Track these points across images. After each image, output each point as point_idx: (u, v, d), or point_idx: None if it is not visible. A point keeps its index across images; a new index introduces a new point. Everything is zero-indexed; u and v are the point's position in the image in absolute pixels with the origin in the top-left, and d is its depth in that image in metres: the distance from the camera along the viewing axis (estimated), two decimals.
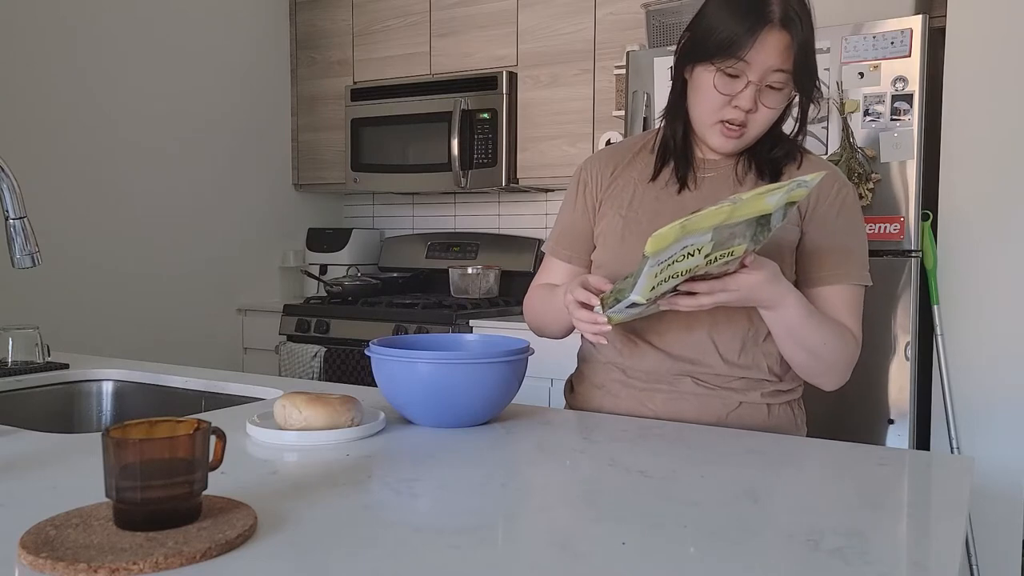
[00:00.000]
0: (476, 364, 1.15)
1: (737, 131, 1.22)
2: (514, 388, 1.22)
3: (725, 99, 1.20)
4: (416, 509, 0.84)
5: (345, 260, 3.68)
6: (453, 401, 1.16)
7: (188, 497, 0.74)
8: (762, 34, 1.14)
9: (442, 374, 1.14)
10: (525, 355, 1.21)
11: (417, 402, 1.17)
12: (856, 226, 1.29)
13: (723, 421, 1.28)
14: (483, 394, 1.17)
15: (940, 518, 0.87)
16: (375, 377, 1.20)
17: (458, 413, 1.18)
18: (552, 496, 0.90)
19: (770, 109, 1.20)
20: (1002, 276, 2.21)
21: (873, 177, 2.27)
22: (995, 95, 2.21)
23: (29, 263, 1.30)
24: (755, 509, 0.85)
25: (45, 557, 0.66)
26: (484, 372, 1.16)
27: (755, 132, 1.23)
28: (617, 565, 0.70)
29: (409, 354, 1.16)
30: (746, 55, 1.15)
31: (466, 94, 3.25)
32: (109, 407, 1.65)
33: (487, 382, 1.17)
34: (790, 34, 1.15)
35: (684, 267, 1.03)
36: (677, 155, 1.31)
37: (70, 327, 2.84)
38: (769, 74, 1.17)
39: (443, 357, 1.15)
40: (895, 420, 2.26)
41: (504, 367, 1.18)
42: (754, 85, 1.17)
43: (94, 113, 3.01)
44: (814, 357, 1.23)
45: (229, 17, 3.51)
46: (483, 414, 1.20)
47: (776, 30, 1.15)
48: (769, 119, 1.22)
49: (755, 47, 1.15)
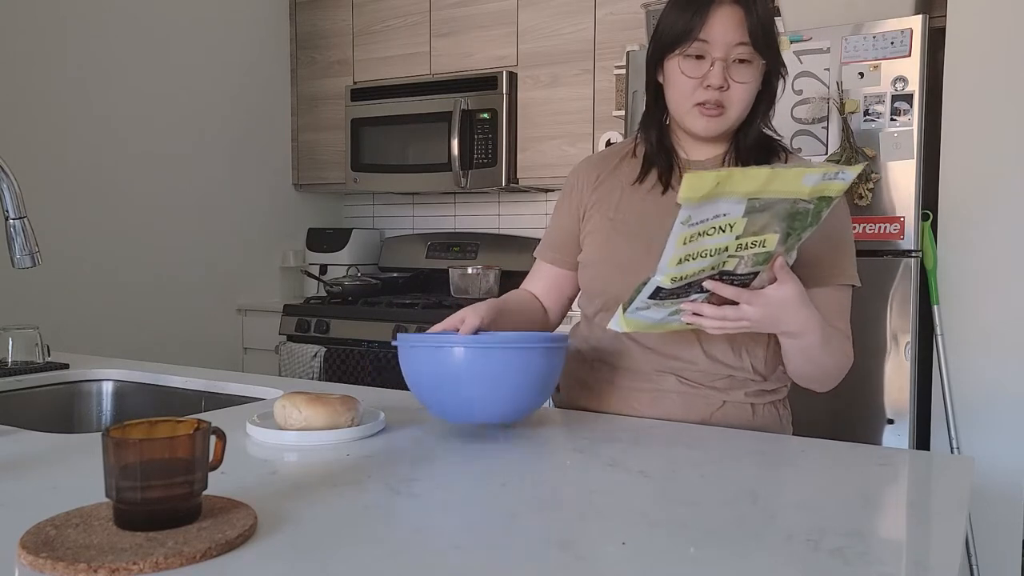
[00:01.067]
0: (530, 349, 1.07)
1: (716, 111, 1.22)
2: (553, 380, 1.14)
3: (695, 82, 1.21)
4: (416, 509, 0.83)
5: (345, 260, 3.68)
6: (499, 391, 1.07)
7: (188, 497, 0.74)
8: (713, 10, 1.18)
9: (490, 361, 1.06)
10: (564, 344, 1.15)
11: (452, 394, 1.08)
12: (846, 226, 1.29)
13: (707, 421, 1.28)
14: (529, 383, 1.09)
15: (940, 518, 0.87)
16: (403, 370, 1.12)
17: (503, 404, 1.09)
18: (552, 496, 0.90)
19: (743, 83, 1.21)
20: (1002, 276, 2.21)
21: (873, 177, 2.27)
22: (995, 95, 2.21)
23: (29, 263, 1.30)
24: (755, 509, 0.85)
25: (45, 557, 0.66)
26: (534, 359, 1.08)
27: (736, 111, 1.23)
28: (617, 565, 0.70)
29: (445, 338, 1.09)
30: (701, 33, 1.18)
31: (466, 94, 3.26)
32: (109, 407, 1.65)
33: (534, 370, 1.08)
34: (743, 7, 1.18)
35: (714, 245, 0.99)
36: (658, 161, 1.32)
37: (70, 327, 2.84)
38: (732, 49, 1.18)
39: (485, 341, 1.08)
40: (895, 420, 2.26)
41: (550, 353, 1.10)
42: (720, 62, 1.19)
43: (94, 113, 3.01)
44: (820, 371, 1.24)
45: (229, 17, 3.51)
46: (526, 407, 1.12)
47: (727, 5, 1.18)
48: (746, 94, 1.22)
49: (709, 24, 1.18)
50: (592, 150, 3.02)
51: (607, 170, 1.39)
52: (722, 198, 0.95)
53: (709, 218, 0.97)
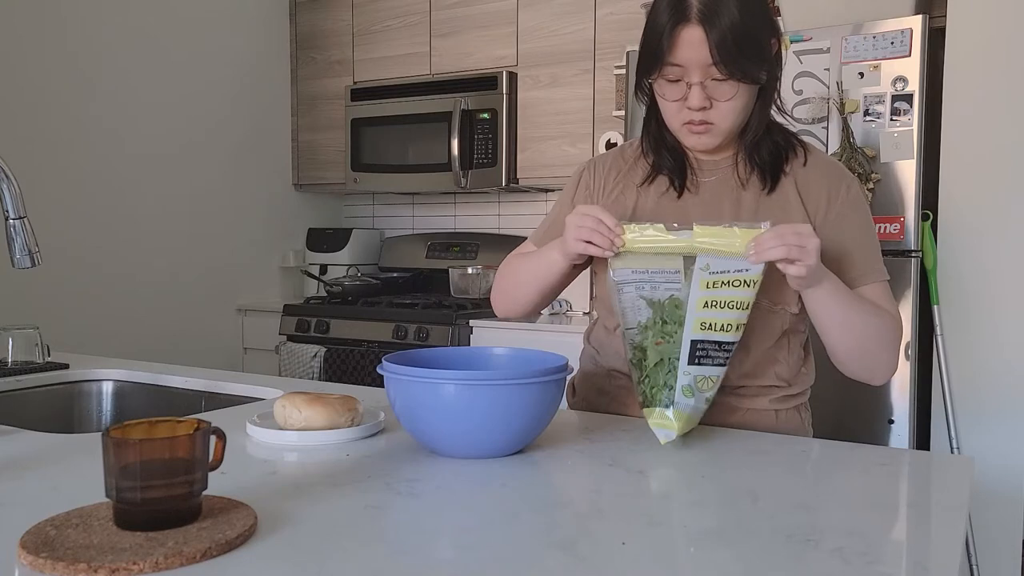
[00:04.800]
0: (514, 386, 0.99)
1: (702, 128, 1.19)
2: (552, 412, 1.06)
3: (678, 104, 1.19)
4: (416, 509, 0.83)
5: (345, 260, 3.68)
6: (486, 429, 0.99)
7: (188, 497, 0.74)
8: (677, 34, 1.14)
9: (476, 398, 0.97)
10: (564, 374, 1.06)
11: (442, 431, 1.00)
12: (869, 220, 1.27)
13: (727, 424, 1.27)
14: (521, 421, 1.01)
15: (940, 518, 0.87)
16: (389, 398, 1.05)
17: (490, 442, 1.01)
18: (552, 496, 0.90)
19: (726, 101, 1.17)
20: (1002, 276, 2.21)
21: (873, 177, 2.27)
22: (995, 95, 2.21)
23: (29, 263, 1.29)
24: (755, 509, 0.85)
25: (45, 557, 0.66)
26: (526, 394, 0.99)
27: (726, 125, 1.20)
28: (617, 565, 0.70)
29: (433, 374, 0.98)
30: (671, 58, 1.15)
31: (466, 94, 3.25)
32: (109, 407, 1.65)
33: (527, 406, 1.00)
34: (703, 27, 1.12)
35: (739, 297, 1.08)
36: (666, 163, 1.29)
37: (70, 327, 2.84)
38: (706, 69, 1.14)
39: (475, 377, 0.98)
40: (895, 420, 2.26)
41: (549, 387, 1.02)
42: (697, 85, 1.16)
43: (94, 113, 3.01)
44: (863, 337, 1.19)
45: (229, 17, 3.51)
46: (518, 443, 1.04)
47: (691, 26, 1.13)
48: (733, 109, 1.18)
49: (676, 48, 1.14)
50: (592, 150, 3.02)
51: (624, 169, 1.35)
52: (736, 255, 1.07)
53: (731, 271, 1.07)
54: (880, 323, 1.19)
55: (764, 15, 1.17)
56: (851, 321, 1.17)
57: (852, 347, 1.20)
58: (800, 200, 1.24)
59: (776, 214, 1.22)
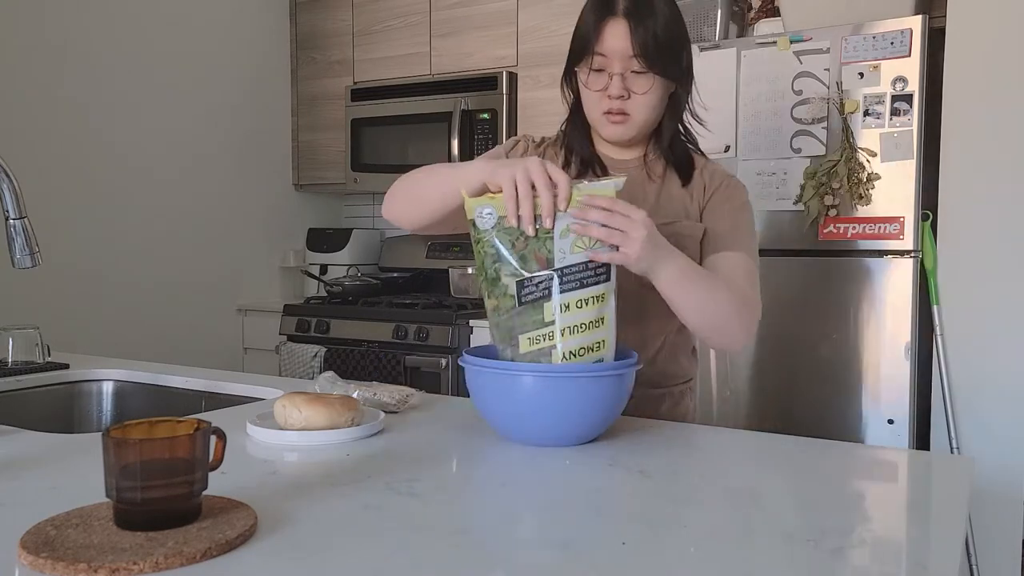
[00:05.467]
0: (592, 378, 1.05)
1: (620, 118, 1.29)
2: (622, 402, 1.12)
3: (600, 93, 1.29)
4: (416, 509, 0.83)
5: (345, 260, 3.68)
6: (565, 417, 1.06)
7: (188, 497, 0.74)
8: (606, 26, 1.25)
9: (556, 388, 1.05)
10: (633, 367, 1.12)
11: (519, 417, 1.07)
12: (744, 212, 1.35)
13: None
14: (596, 408, 1.07)
15: (940, 518, 0.87)
16: (469, 389, 1.12)
17: (568, 429, 1.08)
18: (552, 496, 0.90)
19: (642, 94, 1.27)
20: (1002, 276, 2.21)
21: (873, 177, 2.28)
22: (995, 95, 2.21)
23: (29, 263, 1.29)
24: (755, 509, 0.85)
25: (45, 557, 0.66)
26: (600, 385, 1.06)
27: (640, 117, 1.29)
28: (617, 565, 0.70)
29: (511, 365, 1.06)
30: (598, 48, 1.26)
31: (466, 94, 3.25)
32: (109, 407, 1.65)
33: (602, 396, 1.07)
34: (629, 21, 1.24)
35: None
36: (582, 153, 1.39)
37: (70, 327, 2.84)
38: (628, 61, 1.25)
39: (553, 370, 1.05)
40: (895, 420, 2.26)
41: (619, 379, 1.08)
42: (618, 75, 1.26)
43: (93, 113, 3.00)
44: (714, 315, 1.22)
45: (229, 17, 3.51)
46: (593, 431, 1.11)
47: (618, 19, 1.24)
48: (646, 102, 1.28)
49: (604, 39, 1.25)
50: None
51: (539, 153, 1.44)
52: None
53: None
54: (727, 297, 1.22)
55: (681, 25, 1.30)
56: (700, 301, 1.20)
57: (703, 323, 1.23)
58: (696, 195, 1.35)
59: (675, 205, 1.34)
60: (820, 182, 2.31)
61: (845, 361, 2.31)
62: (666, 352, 1.38)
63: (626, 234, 1.05)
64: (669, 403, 1.39)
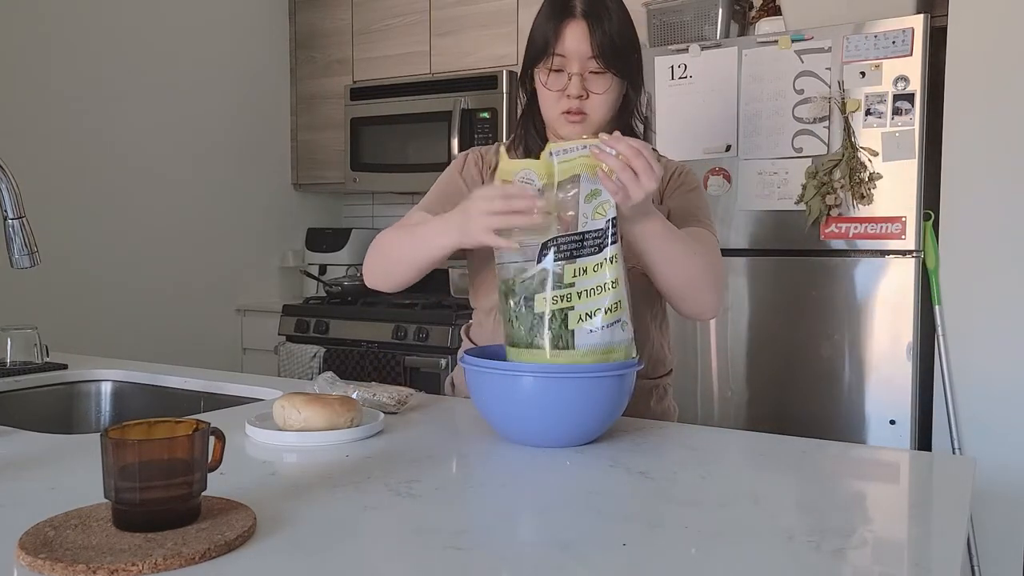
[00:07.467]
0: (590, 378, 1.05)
1: (578, 117, 1.31)
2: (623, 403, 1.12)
3: (558, 93, 1.31)
4: (416, 509, 0.83)
5: (345, 260, 3.68)
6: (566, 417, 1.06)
7: (187, 498, 0.74)
8: (566, 27, 1.28)
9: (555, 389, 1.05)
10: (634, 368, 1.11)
11: (520, 418, 1.07)
12: (701, 193, 1.43)
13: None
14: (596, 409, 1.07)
15: (941, 519, 0.87)
16: (470, 389, 1.12)
17: (568, 431, 1.08)
18: (552, 496, 0.90)
19: (599, 94, 1.30)
20: (1004, 276, 2.21)
21: (875, 176, 2.27)
22: (996, 94, 2.20)
23: (28, 263, 1.29)
24: (755, 509, 0.85)
25: (44, 558, 0.66)
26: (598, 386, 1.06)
27: (598, 116, 1.31)
28: (618, 566, 0.70)
29: (510, 365, 1.06)
30: (557, 48, 1.28)
31: (466, 93, 3.25)
32: (108, 407, 1.65)
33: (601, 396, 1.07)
34: (588, 23, 1.27)
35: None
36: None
37: (69, 327, 2.84)
38: (586, 61, 1.28)
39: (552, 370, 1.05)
40: (896, 420, 2.26)
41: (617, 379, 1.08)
42: (577, 75, 1.28)
43: (93, 112, 3.00)
44: (690, 276, 1.25)
45: (229, 17, 3.51)
46: (593, 431, 1.10)
47: (577, 21, 1.27)
48: (603, 102, 1.31)
49: (563, 40, 1.28)
50: None
51: (493, 162, 1.43)
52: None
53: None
54: (704, 260, 1.27)
55: (633, 28, 1.33)
56: (680, 255, 1.23)
57: (679, 282, 1.26)
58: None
59: None
60: (821, 182, 2.31)
61: (846, 361, 2.30)
62: (654, 341, 1.41)
63: (638, 178, 1.07)
64: (656, 397, 1.41)
